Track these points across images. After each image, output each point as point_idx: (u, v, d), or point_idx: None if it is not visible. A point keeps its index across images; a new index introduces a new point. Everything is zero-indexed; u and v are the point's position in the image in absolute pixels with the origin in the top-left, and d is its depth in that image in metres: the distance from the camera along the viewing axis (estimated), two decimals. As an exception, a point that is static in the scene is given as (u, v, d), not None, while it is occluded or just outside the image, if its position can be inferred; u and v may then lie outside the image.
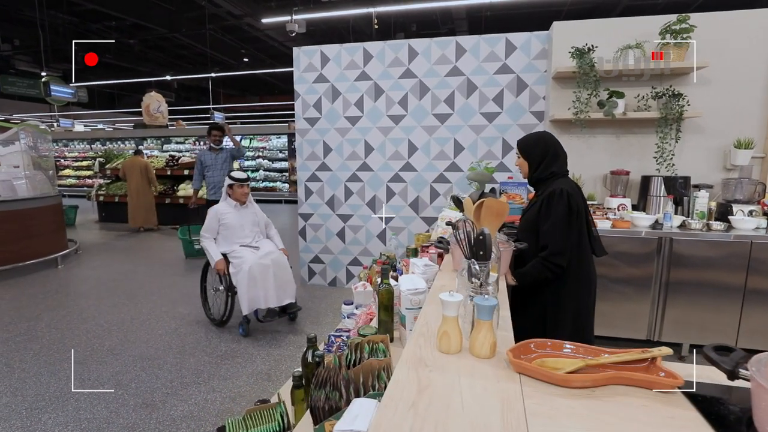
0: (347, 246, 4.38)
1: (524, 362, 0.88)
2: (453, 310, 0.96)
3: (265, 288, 3.03)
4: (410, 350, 0.99)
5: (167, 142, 12.66)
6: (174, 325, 3.41)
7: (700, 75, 3.05)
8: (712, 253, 2.68)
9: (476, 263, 1.02)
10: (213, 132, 5.08)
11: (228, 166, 5.16)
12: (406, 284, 1.44)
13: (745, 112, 3.06)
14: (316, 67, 4.14)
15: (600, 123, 3.26)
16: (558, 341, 0.94)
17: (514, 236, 1.85)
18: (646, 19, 3.09)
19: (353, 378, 0.97)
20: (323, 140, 4.25)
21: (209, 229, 3.20)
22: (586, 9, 8.74)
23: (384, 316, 1.49)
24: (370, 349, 1.12)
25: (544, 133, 1.88)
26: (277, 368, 2.74)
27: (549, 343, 0.94)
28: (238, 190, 3.22)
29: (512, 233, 1.93)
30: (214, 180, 5.08)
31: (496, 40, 3.69)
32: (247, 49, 12.08)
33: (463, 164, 3.94)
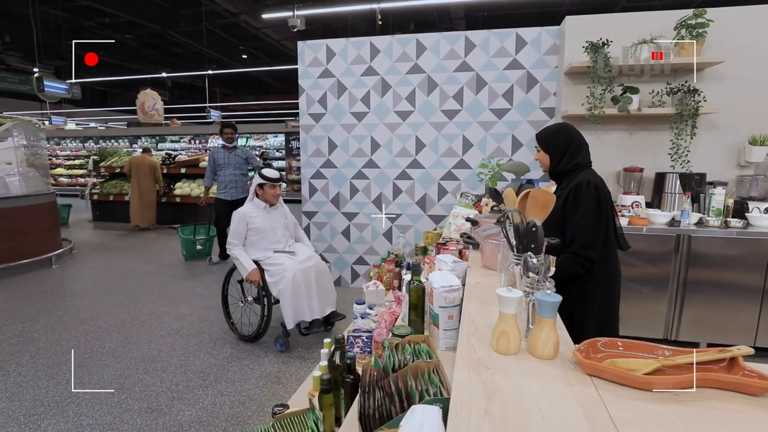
0: (352, 245, 4.29)
1: (596, 363, 0.80)
2: (512, 307, 0.89)
3: (309, 297, 2.77)
4: (464, 351, 0.91)
5: (162, 141, 12.47)
6: (176, 326, 3.30)
7: (716, 71, 3.01)
8: (731, 251, 2.63)
9: (533, 256, 0.94)
10: (225, 130, 4.99)
11: (244, 169, 5.08)
12: (438, 281, 1.36)
13: (760, 109, 3.03)
14: (322, 62, 4.05)
15: (613, 119, 3.21)
16: (630, 341, 0.87)
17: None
18: (661, 14, 3.05)
19: (403, 382, 0.89)
20: (328, 137, 4.16)
21: (237, 234, 2.88)
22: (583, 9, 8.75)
23: (414, 315, 1.40)
24: (413, 350, 1.04)
25: (564, 124, 1.82)
26: (287, 371, 2.64)
27: (620, 343, 0.86)
28: (269, 191, 2.94)
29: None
30: (225, 179, 4.98)
31: (507, 35, 3.63)
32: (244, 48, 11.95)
33: (471, 161, 3.87)
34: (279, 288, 2.70)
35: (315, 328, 2.78)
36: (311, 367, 2.66)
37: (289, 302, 2.67)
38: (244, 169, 5.11)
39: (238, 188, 5.02)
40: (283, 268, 2.74)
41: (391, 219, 4.15)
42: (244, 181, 5.09)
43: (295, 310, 2.70)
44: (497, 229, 1.67)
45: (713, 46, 2.92)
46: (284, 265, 2.74)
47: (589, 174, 1.69)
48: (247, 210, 2.93)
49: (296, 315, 2.71)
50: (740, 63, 2.98)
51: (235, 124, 5.15)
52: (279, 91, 16.92)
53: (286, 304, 2.68)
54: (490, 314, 1.12)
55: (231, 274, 3.13)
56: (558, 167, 1.77)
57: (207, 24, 9.54)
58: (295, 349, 2.93)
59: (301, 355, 2.84)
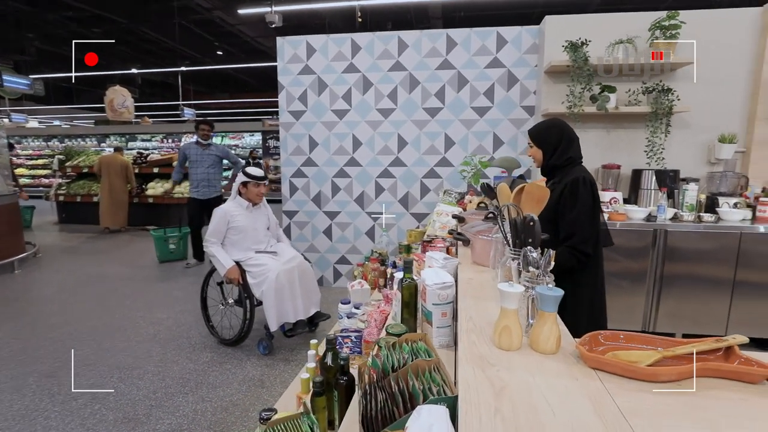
0: (334, 244, 4.23)
1: (600, 356, 0.80)
2: (514, 302, 0.87)
3: (293, 298, 2.71)
4: (466, 348, 0.89)
5: (132, 140, 12.03)
6: (152, 331, 3.17)
7: (687, 71, 3.12)
8: (704, 245, 2.73)
9: (533, 251, 0.93)
10: (201, 126, 4.81)
11: (217, 167, 4.90)
12: (431, 278, 1.34)
13: (728, 108, 3.16)
14: (302, 58, 3.98)
15: (591, 117, 3.28)
16: (630, 333, 0.87)
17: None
18: (637, 15, 3.14)
19: (404, 381, 0.86)
20: (309, 134, 4.09)
21: (216, 232, 2.77)
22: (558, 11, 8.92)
23: (406, 313, 1.38)
24: (410, 348, 1.01)
25: (555, 120, 1.84)
26: (270, 374, 2.57)
27: (622, 336, 0.86)
28: (253, 189, 2.84)
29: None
30: (197, 177, 4.80)
31: (488, 34, 3.66)
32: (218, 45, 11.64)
33: (454, 159, 3.88)
34: (262, 289, 2.62)
35: (299, 329, 2.72)
36: (296, 369, 2.60)
37: (272, 303, 2.59)
38: (218, 167, 4.93)
39: (210, 187, 4.84)
40: (265, 268, 2.66)
41: (374, 217, 4.12)
42: (218, 180, 4.91)
43: (279, 312, 2.63)
44: (487, 225, 1.67)
45: (684, 48, 3.02)
46: (267, 266, 2.66)
47: (583, 171, 1.73)
48: (228, 208, 2.84)
49: (280, 316, 2.64)
50: (710, 64, 3.10)
51: (212, 121, 4.99)
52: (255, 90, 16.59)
53: (269, 305, 2.60)
54: (488, 310, 1.11)
55: (210, 276, 3.03)
56: (551, 161, 1.79)
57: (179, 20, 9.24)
58: (279, 351, 2.86)
59: (285, 358, 2.77)
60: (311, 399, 1.22)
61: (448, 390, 0.83)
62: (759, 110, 3.08)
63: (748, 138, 3.16)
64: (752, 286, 2.70)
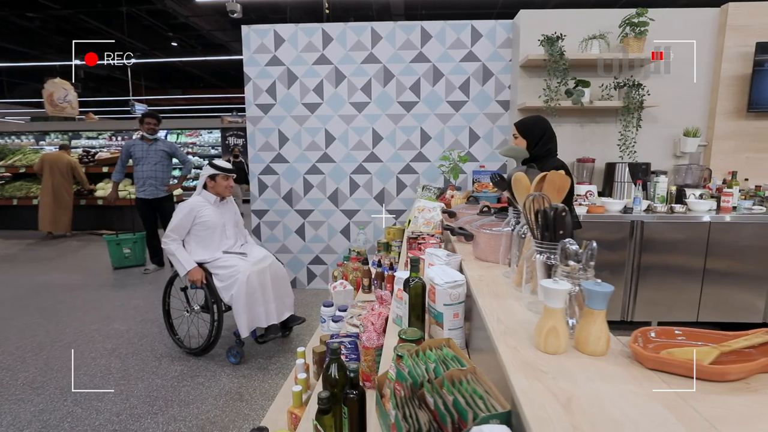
0: (307, 244, 4.05)
1: (661, 356, 0.73)
2: (560, 300, 0.79)
3: (265, 302, 2.52)
4: (507, 355, 0.79)
5: (76, 137, 11.10)
6: (111, 345, 2.86)
7: (655, 67, 3.22)
8: (677, 235, 2.83)
9: (573, 242, 0.85)
10: (147, 120, 4.42)
11: (165, 165, 4.53)
12: (440, 277, 1.24)
13: (692, 103, 3.30)
14: (269, 49, 3.76)
15: (565, 112, 3.32)
16: (688, 329, 0.81)
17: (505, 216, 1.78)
18: (608, 12, 3.20)
19: (443, 396, 0.75)
20: (278, 129, 3.88)
21: (178, 228, 2.54)
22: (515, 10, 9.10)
23: (415, 316, 1.27)
24: (437, 356, 0.90)
25: (539, 116, 2.14)
26: (249, 385, 2.38)
27: (678, 331, 0.80)
28: (222, 182, 2.63)
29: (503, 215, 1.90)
30: (142, 175, 4.41)
31: (462, 27, 3.61)
32: (170, 37, 10.96)
33: (430, 154, 3.82)
34: (231, 293, 2.43)
35: (272, 335, 2.54)
36: (276, 379, 2.42)
37: (242, 308, 2.40)
38: (166, 164, 4.55)
39: (158, 186, 4.46)
40: (234, 270, 2.46)
41: (348, 215, 3.97)
42: (166, 179, 4.54)
43: (250, 317, 2.45)
44: (489, 219, 1.60)
45: (652, 45, 3.11)
46: (236, 267, 2.47)
47: (560, 161, 2.03)
48: (195, 202, 2.61)
49: (251, 322, 2.46)
50: (675, 60, 3.22)
51: (158, 114, 4.57)
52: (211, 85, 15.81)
53: (239, 310, 2.41)
54: (512, 309, 1.02)
55: (172, 284, 2.77)
56: (533, 152, 2.05)
57: (128, 8, 8.59)
58: (254, 359, 2.67)
59: (262, 366, 2.58)
60: (317, 417, 1.08)
61: (495, 403, 0.73)
62: (719, 106, 3.23)
63: (709, 132, 3.31)
64: (720, 274, 2.82)
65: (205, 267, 2.57)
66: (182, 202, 2.61)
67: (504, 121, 3.71)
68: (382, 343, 1.46)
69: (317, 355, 1.90)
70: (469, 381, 0.80)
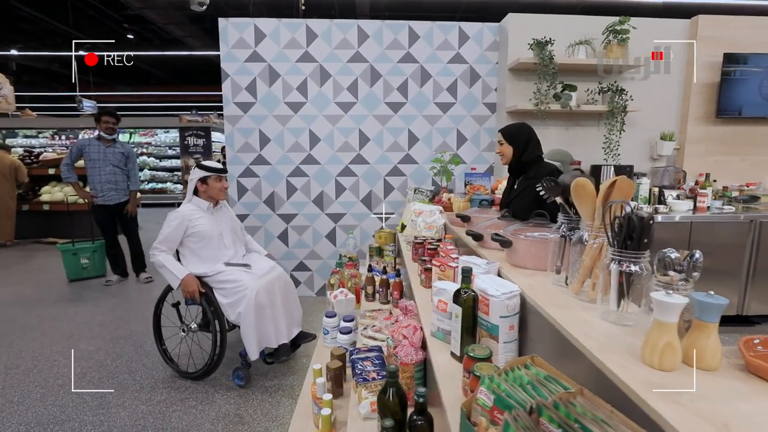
0: (291, 249, 3.87)
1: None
2: (675, 314, 0.74)
3: (275, 319, 2.29)
4: (621, 373, 0.74)
5: (12, 135, 10.07)
6: (80, 369, 2.56)
7: (635, 73, 3.36)
8: (664, 235, 2.94)
9: (673, 251, 0.81)
10: (104, 118, 4.02)
11: (124, 168, 4.15)
12: (494, 288, 1.18)
13: (667, 109, 3.48)
14: (249, 44, 3.55)
15: (551, 115, 3.38)
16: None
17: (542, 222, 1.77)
18: (593, 18, 3.31)
19: (566, 424, 0.68)
20: (259, 129, 3.67)
21: (168, 240, 2.29)
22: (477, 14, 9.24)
23: (465, 329, 1.19)
24: (530, 377, 0.83)
25: (523, 122, 2.20)
26: (248, 406, 2.20)
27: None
28: (215, 185, 2.38)
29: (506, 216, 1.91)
30: (101, 179, 4.01)
31: (450, 28, 3.60)
32: (122, 30, 10.21)
33: (418, 156, 3.77)
34: (238, 311, 2.19)
35: (283, 356, 2.31)
36: (277, 398, 2.26)
37: (251, 328, 2.18)
38: (124, 168, 4.16)
39: (119, 190, 4.09)
40: (240, 285, 2.23)
41: (334, 219, 3.84)
42: (125, 182, 4.17)
43: (260, 337, 2.23)
44: (520, 225, 1.55)
45: (634, 52, 3.24)
46: (242, 282, 2.23)
47: (551, 165, 2.11)
48: (187, 211, 2.36)
49: (261, 342, 2.24)
50: (651, 68, 3.37)
51: (116, 113, 4.14)
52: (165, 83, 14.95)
53: (248, 329, 2.18)
54: (591, 322, 0.97)
55: (164, 300, 2.50)
56: (523, 158, 2.11)
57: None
58: (251, 376, 2.48)
59: (260, 385, 2.40)
60: (379, 448, 0.98)
61: (627, 429, 0.67)
62: (690, 111, 3.43)
63: (682, 136, 3.51)
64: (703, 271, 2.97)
65: (205, 281, 2.33)
66: (172, 212, 2.35)
67: (491, 124, 3.73)
68: (421, 358, 1.37)
69: (332, 372, 1.78)
70: (582, 404, 0.73)
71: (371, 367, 1.53)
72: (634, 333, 0.90)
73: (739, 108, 3.33)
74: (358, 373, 1.48)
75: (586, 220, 1.12)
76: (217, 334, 2.28)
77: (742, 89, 3.30)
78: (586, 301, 1.10)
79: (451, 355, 1.24)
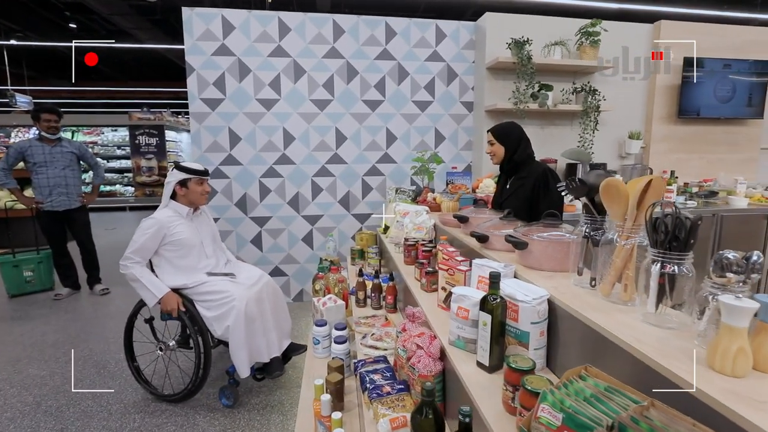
0: (265, 254, 3.68)
1: None
2: (746, 318, 0.72)
3: (266, 332, 2.11)
4: (698, 381, 0.70)
5: (-72, 134, 8.95)
6: (31, 398, 2.26)
7: (605, 74, 3.48)
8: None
9: (732, 252, 0.79)
10: (44, 116, 3.61)
11: (75, 169, 3.77)
12: (523, 293, 1.13)
13: (634, 109, 3.64)
14: (217, 36, 3.32)
15: (528, 114, 3.43)
16: None
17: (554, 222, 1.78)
18: (567, 20, 3.38)
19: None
20: (229, 127, 3.45)
21: (142, 250, 2.06)
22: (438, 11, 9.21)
23: (495, 339, 1.13)
24: (595, 391, 0.78)
25: (512, 122, 2.20)
26: (235, 426, 2.03)
27: None
28: (196, 188, 2.17)
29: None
30: (48, 182, 3.62)
31: (427, 26, 3.55)
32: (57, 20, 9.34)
33: (396, 155, 3.70)
34: (226, 324, 2.00)
35: (276, 371, 2.13)
36: (267, 416, 2.11)
37: (242, 342, 1.99)
38: (76, 168, 3.80)
39: (69, 195, 3.70)
40: (227, 296, 2.03)
41: (310, 221, 3.69)
42: (78, 186, 3.80)
43: (251, 352, 2.05)
44: (533, 225, 1.52)
45: (605, 53, 3.35)
46: (229, 293, 2.04)
47: (543, 164, 2.10)
48: (164, 217, 2.12)
49: (252, 357, 2.06)
50: (620, 69, 3.51)
51: (58, 109, 3.72)
52: (108, 78, 13.88)
53: (238, 345, 1.99)
54: (635, 325, 0.94)
55: (136, 316, 2.25)
56: (514, 157, 2.11)
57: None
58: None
59: (246, 402, 2.22)
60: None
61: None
62: (655, 112, 3.61)
63: (647, 135, 3.68)
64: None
65: (185, 294, 2.11)
66: (147, 219, 2.10)
67: (468, 122, 3.73)
68: (440, 369, 1.30)
69: (332, 386, 1.67)
70: (659, 418, 0.69)
71: (382, 380, 1.43)
72: (681, 336, 0.88)
73: (697, 109, 3.54)
74: (370, 388, 1.39)
75: (616, 220, 1.09)
76: (201, 352, 2.07)
77: (700, 91, 3.51)
78: (617, 303, 1.07)
79: (477, 365, 1.17)
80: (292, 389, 2.32)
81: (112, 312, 3.53)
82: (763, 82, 3.60)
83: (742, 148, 3.81)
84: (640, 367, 0.83)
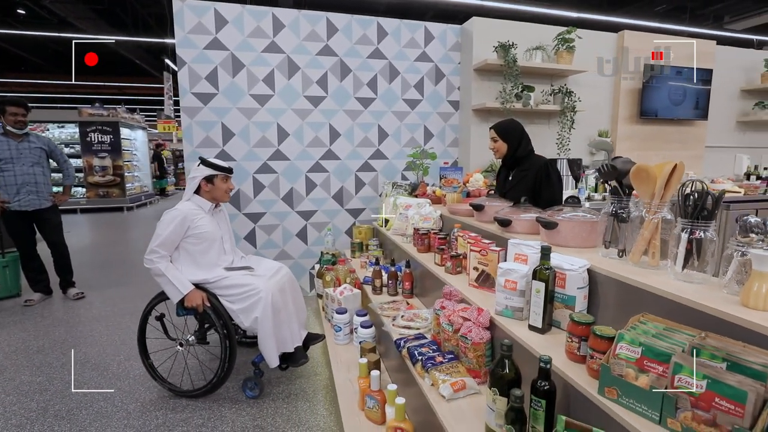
0: (259, 250, 3.66)
1: None
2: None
3: (289, 322, 2.15)
4: (745, 315, 0.88)
5: None
6: (34, 404, 2.15)
7: (579, 77, 3.81)
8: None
9: (753, 216, 0.99)
10: (10, 109, 3.37)
11: (44, 167, 3.56)
12: (567, 263, 1.30)
13: (602, 110, 4.00)
14: (209, 30, 3.28)
15: (513, 113, 3.68)
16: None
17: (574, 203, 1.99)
18: (546, 27, 3.67)
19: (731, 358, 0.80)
20: (222, 122, 3.41)
21: (167, 243, 2.04)
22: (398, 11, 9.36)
23: (548, 304, 1.29)
24: (659, 331, 0.95)
25: (512, 118, 2.43)
26: (265, 415, 2.05)
27: None
28: (221, 185, 2.20)
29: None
30: (16, 180, 3.40)
31: (416, 27, 3.71)
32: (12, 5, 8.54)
33: (387, 152, 3.82)
34: (254, 316, 2.01)
35: (302, 359, 2.15)
36: (294, 403, 2.15)
37: (270, 333, 2.02)
38: (45, 165, 3.61)
39: (39, 193, 3.51)
40: (253, 288, 2.04)
41: (304, 216, 3.72)
42: (47, 184, 3.61)
43: (279, 342, 2.08)
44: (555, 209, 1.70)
45: (579, 58, 3.68)
46: (253, 285, 2.05)
47: (543, 158, 2.31)
48: (188, 209, 2.11)
49: (280, 347, 2.09)
50: (591, 73, 3.86)
51: (25, 102, 3.48)
52: (42, 71, 12.81)
53: (267, 335, 2.01)
54: (670, 282, 1.12)
55: (152, 310, 2.20)
56: (518, 153, 2.32)
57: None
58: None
59: (268, 393, 2.23)
60: (510, 420, 1.03)
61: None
62: (620, 113, 3.99)
63: (614, 134, 4.07)
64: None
65: (207, 288, 2.10)
66: (170, 211, 2.07)
67: (454, 120, 3.93)
68: (489, 337, 1.44)
69: (373, 365, 1.78)
70: (716, 345, 0.87)
71: (431, 352, 1.56)
72: (709, 288, 1.08)
73: (656, 110, 3.97)
74: (423, 360, 1.50)
75: (645, 198, 1.29)
76: (226, 346, 2.07)
77: (657, 95, 3.94)
78: (647, 268, 1.27)
79: (529, 328, 1.33)
80: (310, 377, 2.38)
81: (96, 315, 3.37)
82: (707, 88, 4.10)
83: (691, 146, 4.31)
84: (676, 312, 1.02)
